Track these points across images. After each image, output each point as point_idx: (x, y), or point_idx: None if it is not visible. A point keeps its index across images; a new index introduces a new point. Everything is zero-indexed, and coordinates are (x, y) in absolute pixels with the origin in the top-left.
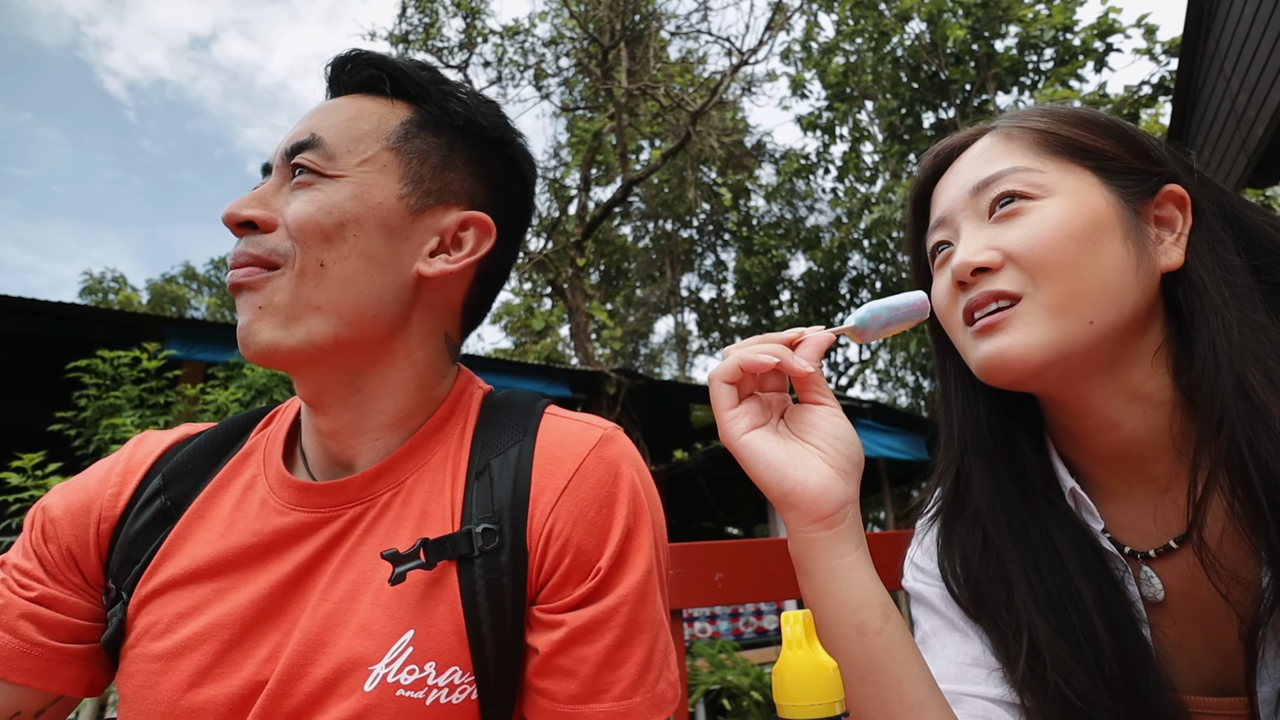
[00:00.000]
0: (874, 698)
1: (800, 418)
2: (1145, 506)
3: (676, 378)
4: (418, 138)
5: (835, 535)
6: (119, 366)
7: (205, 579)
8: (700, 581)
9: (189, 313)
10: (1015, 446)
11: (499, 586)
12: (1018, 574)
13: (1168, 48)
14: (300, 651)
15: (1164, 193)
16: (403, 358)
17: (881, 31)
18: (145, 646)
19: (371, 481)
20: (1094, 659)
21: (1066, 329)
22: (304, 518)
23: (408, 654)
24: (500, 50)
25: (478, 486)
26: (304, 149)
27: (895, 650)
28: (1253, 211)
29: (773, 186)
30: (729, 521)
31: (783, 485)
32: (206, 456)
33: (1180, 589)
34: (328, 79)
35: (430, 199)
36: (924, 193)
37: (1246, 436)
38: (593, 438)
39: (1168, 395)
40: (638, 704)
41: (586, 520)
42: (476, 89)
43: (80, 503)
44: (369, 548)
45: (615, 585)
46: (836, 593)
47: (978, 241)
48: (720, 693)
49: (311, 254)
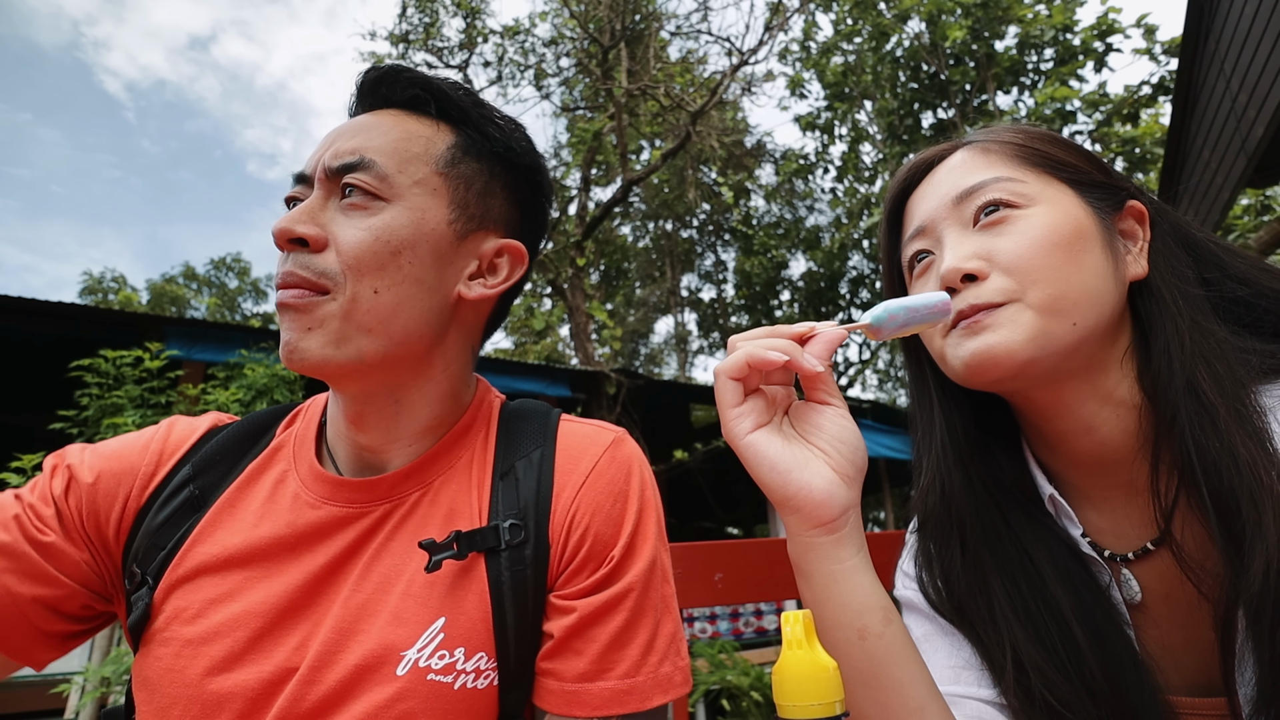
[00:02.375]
0: (876, 701)
1: (806, 417)
2: (1122, 509)
3: (676, 378)
4: (463, 163)
5: (837, 540)
6: (121, 366)
7: (237, 566)
8: (700, 581)
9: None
10: (990, 457)
11: (523, 578)
12: (996, 585)
13: (1168, 48)
14: (332, 639)
15: (1128, 207)
16: (440, 371)
17: (881, 31)
18: (175, 630)
19: (402, 481)
20: (1074, 666)
21: (1051, 328)
22: (336, 512)
23: (439, 640)
24: (500, 50)
25: (503, 486)
26: (355, 169)
27: (896, 654)
28: (1198, 230)
29: (772, 186)
30: (729, 521)
31: (786, 489)
32: (234, 449)
33: (1160, 589)
34: (360, 89)
35: (474, 224)
36: (898, 205)
37: (1194, 434)
38: (606, 439)
39: (1137, 399)
40: (640, 683)
41: (603, 512)
42: (504, 112)
43: (113, 470)
44: (399, 543)
45: (625, 572)
46: (837, 597)
47: (965, 248)
48: (720, 693)
49: (366, 282)
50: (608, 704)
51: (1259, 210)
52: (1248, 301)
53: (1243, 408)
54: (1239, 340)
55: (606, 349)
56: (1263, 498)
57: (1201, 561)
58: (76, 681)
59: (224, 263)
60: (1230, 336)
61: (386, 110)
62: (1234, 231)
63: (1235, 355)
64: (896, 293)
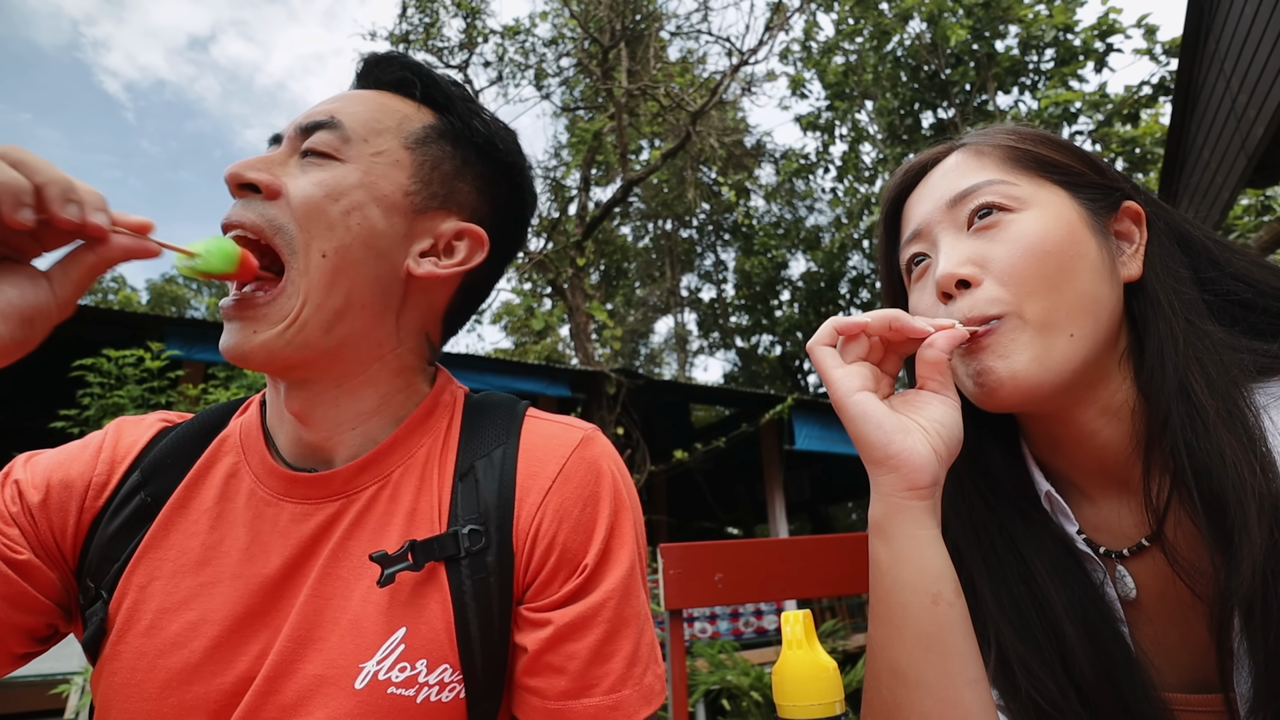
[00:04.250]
0: (938, 666)
1: (913, 400)
2: (1117, 506)
3: (676, 377)
4: (435, 144)
5: (926, 507)
6: (123, 366)
7: (192, 572)
8: (700, 581)
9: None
10: (984, 455)
11: (485, 587)
12: (984, 585)
13: (1168, 48)
14: (289, 648)
15: (1123, 208)
16: (389, 351)
17: (882, 31)
18: (130, 643)
19: (357, 474)
20: (1063, 666)
21: (1051, 344)
22: (293, 509)
23: (399, 651)
24: (501, 50)
25: (462, 488)
26: (320, 129)
27: (964, 625)
28: (1196, 229)
29: (772, 186)
30: (729, 521)
31: (889, 448)
32: (184, 451)
33: (1155, 586)
34: (358, 73)
35: (434, 202)
36: (895, 208)
37: (1185, 436)
38: (574, 438)
39: (1135, 401)
40: (627, 696)
41: (572, 519)
42: (498, 116)
43: (61, 481)
44: (357, 543)
45: (601, 581)
46: (917, 560)
47: (959, 253)
48: (720, 693)
49: (315, 246)
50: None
51: (1259, 210)
52: (1248, 300)
53: (1234, 408)
54: (1234, 340)
55: (606, 349)
56: (1248, 499)
57: (1194, 561)
58: (76, 682)
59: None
60: (1226, 336)
61: (376, 90)
62: (1234, 231)
63: (1229, 355)
64: (895, 293)
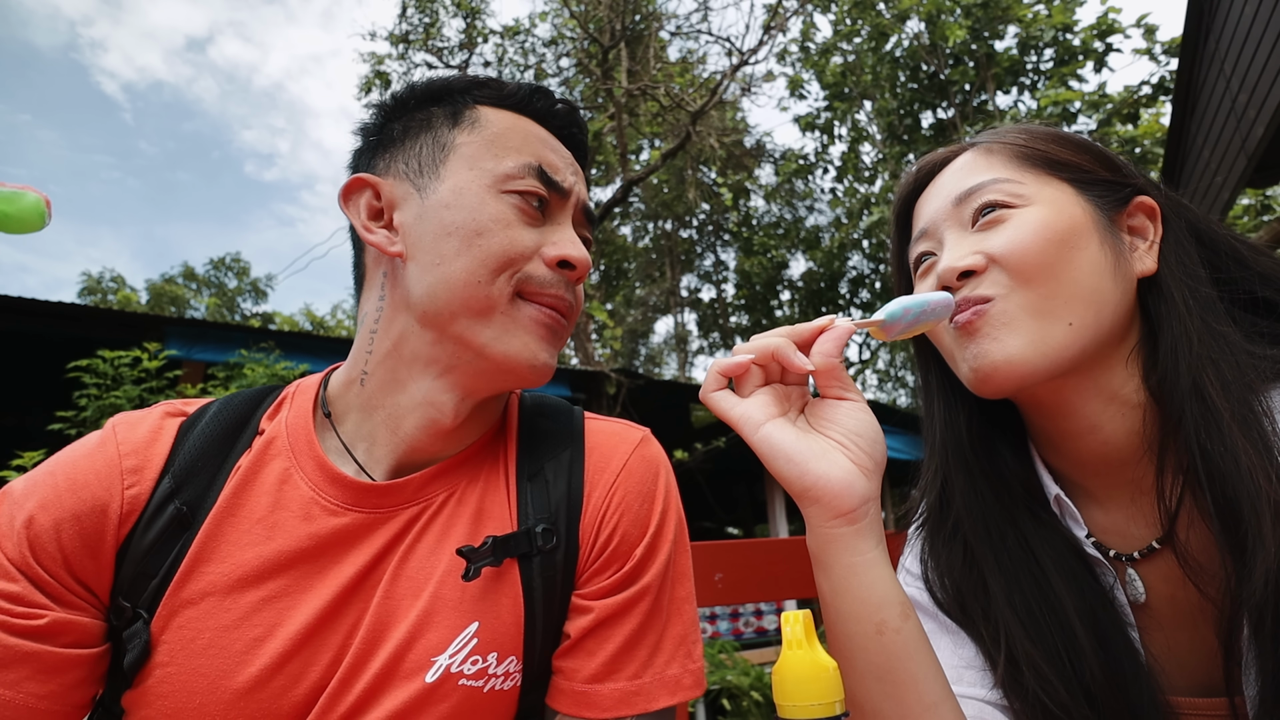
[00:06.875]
0: (890, 696)
1: (822, 413)
2: (1127, 509)
3: (676, 378)
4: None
5: (857, 531)
6: (120, 366)
7: (252, 585)
8: (700, 581)
9: (188, 313)
10: (997, 457)
11: (552, 583)
12: (996, 584)
13: (1168, 48)
14: (362, 650)
15: (1135, 203)
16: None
17: (880, 31)
18: (184, 663)
19: (429, 482)
20: (1072, 668)
21: (1047, 330)
22: (362, 518)
23: (472, 645)
24: (500, 50)
25: (532, 489)
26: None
27: (913, 649)
28: (1219, 227)
29: (772, 186)
30: (729, 521)
31: (804, 479)
32: (215, 451)
33: (1165, 591)
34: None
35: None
36: (906, 207)
37: (1199, 437)
38: (635, 437)
39: (1142, 398)
40: (646, 684)
41: (632, 511)
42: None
43: (84, 505)
44: (426, 545)
45: (644, 572)
46: (856, 589)
47: (961, 249)
48: (720, 693)
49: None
50: (616, 705)
51: (1259, 210)
52: (1271, 301)
53: (1249, 412)
54: (1250, 344)
55: (606, 349)
56: (1263, 506)
57: (1205, 564)
58: None
59: (223, 263)
60: (1242, 339)
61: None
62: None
63: (1245, 357)
64: (906, 292)
